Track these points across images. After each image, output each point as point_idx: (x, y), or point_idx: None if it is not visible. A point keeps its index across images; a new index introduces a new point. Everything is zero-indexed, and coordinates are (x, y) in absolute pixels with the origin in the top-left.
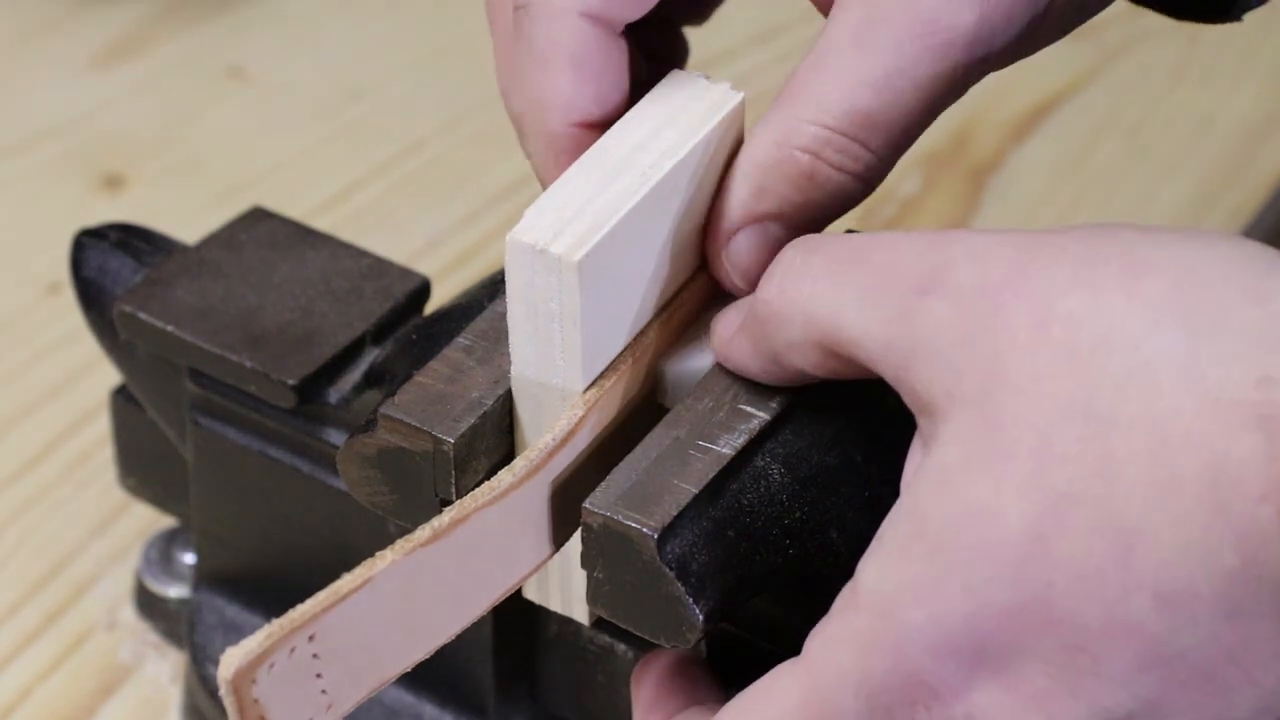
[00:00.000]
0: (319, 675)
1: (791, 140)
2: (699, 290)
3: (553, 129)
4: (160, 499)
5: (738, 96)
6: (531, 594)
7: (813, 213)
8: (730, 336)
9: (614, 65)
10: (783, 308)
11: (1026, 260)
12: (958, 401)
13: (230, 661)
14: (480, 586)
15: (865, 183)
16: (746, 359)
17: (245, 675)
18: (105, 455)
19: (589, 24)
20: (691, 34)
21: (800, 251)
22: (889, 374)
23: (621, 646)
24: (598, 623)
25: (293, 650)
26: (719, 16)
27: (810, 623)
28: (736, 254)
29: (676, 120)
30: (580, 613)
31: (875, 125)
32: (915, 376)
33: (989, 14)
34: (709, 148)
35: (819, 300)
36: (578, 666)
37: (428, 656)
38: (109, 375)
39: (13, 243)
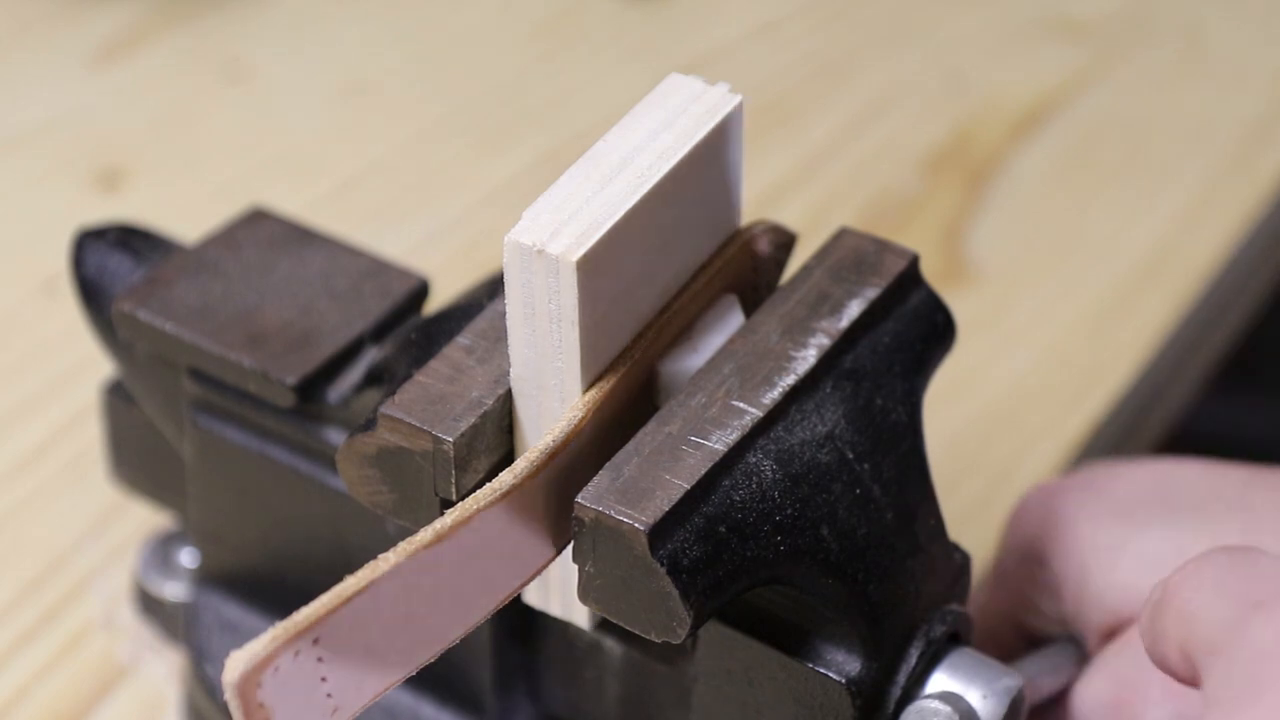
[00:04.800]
0: (324, 679)
1: None
2: (698, 292)
3: None
4: (152, 493)
5: (735, 99)
6: (532, 598)
7: None
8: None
9: None
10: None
11: None
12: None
13: (235, 665)
14: (483, 589)
15: None
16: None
17: (250, 679)
18: (102, 453)
19: None
20: (689, 28)
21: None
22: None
23: (609, 642)
24: (599, 624)
25: (297, 653)
26: (718, 13)
27: (800, 617)
28: None
29: (674, 123)
30: (581, 616)
31: None
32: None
33: None
34: (707, 150)
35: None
36: (573, 664)
37: (432, 660)
38: (106, 373)
39: (10, 240)
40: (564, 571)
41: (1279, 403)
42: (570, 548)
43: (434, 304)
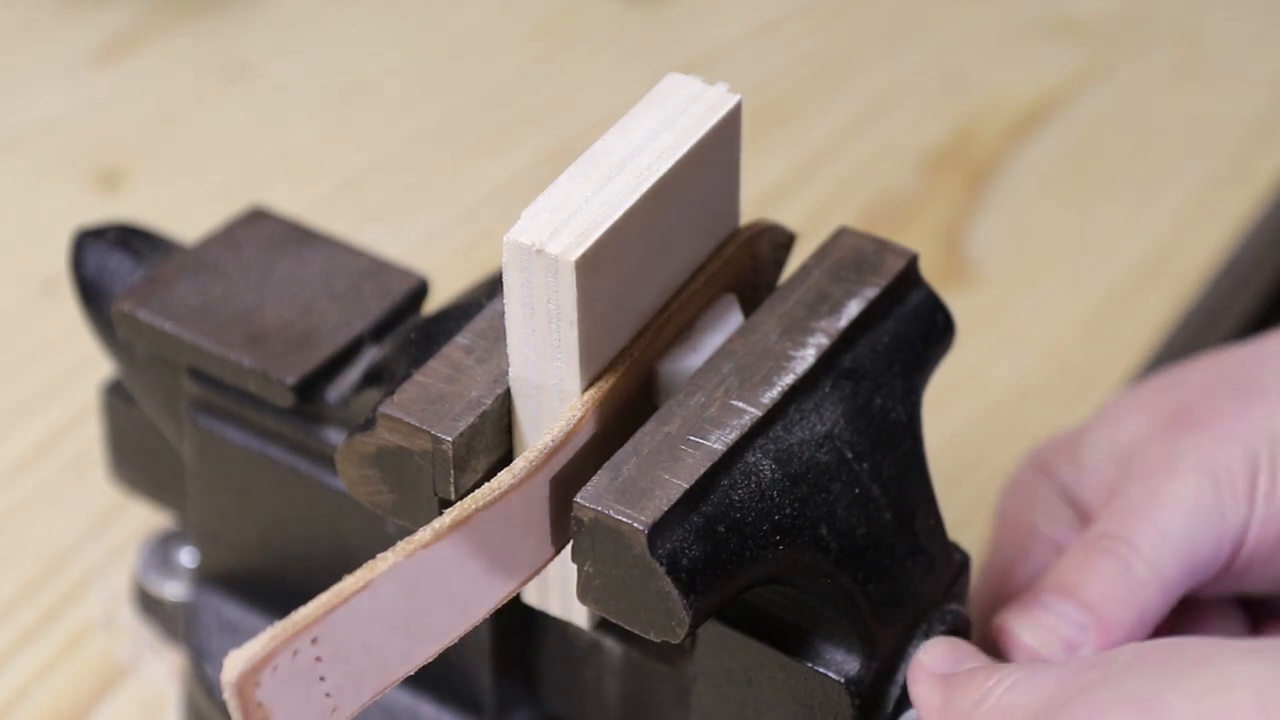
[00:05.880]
0: (323, 678)
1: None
2: (697, 292)
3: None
4: (152, 493)
5: (734, 99)
6: (531, 598)
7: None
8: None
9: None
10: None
11: None
12: None
13: (234, 665)
14: (482, 588)
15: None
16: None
17: (249, 678)
18: (102, 453)
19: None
20: (689, 28)
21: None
22: None
23: (609, 641)
24: (598, 624)
25: (296, 653)
26: (718, 13)
27: (800, 617)
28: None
29: (674, 123)
30: (580, 616)
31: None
32: None
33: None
34: (706, 150)
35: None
36: (573, 664)
37: (431, 659)
38: (106, 373)
39: (10, 240)
40: (563, 571)
41: None
42: (569, 548)
43: (434, 304)
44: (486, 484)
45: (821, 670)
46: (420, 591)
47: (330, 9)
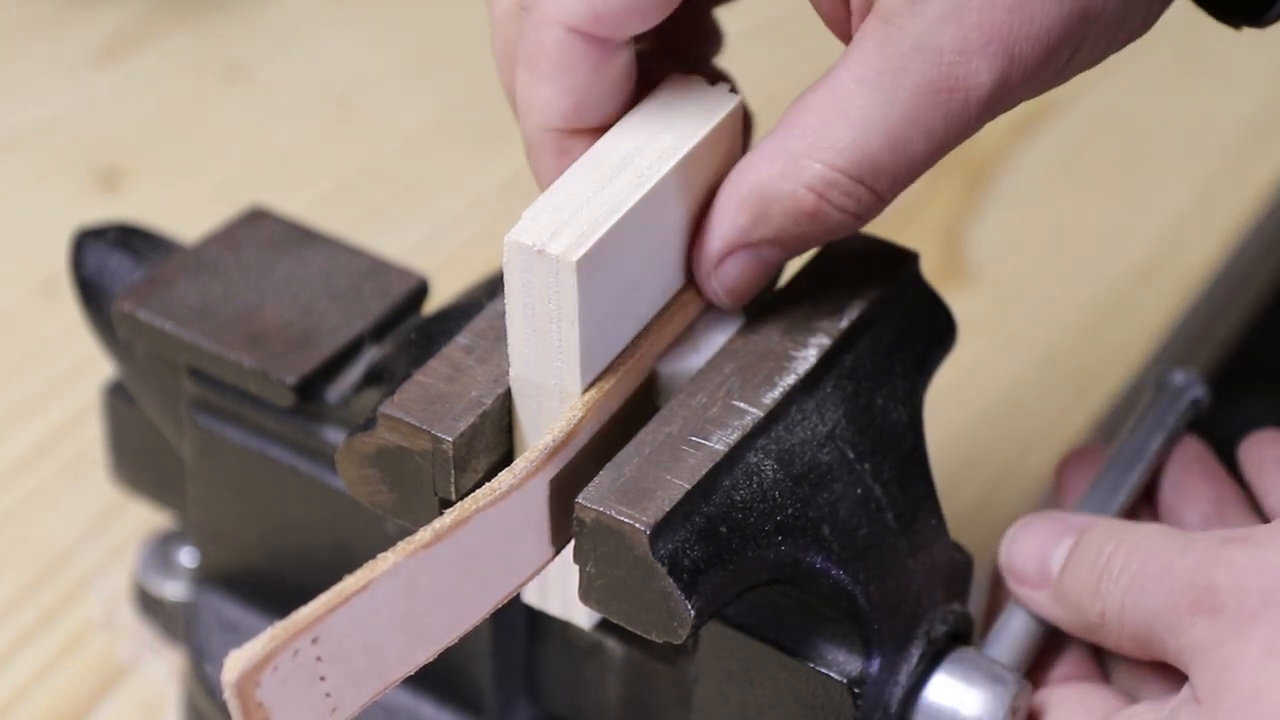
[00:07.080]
0: (323, 678)
1: (798, 177)
2: (698, 293)
3: (530, 131)
4: (152, 493)
5: (735, 99)
6: (531, 598)
7: (806, 243)
8: (1041, 599)
9: (603, 78)
10: (1107, 613)
11: (1273, 592)
12: (1198, 700)
13: (234, 664)
14: (482, 588)
15: (862, 220)
16: (1052, 614)
17: (249, 678)
18: (102, 453)
19: (578, 38)
20: None
21: (1113, 557)
22: (1178, 664)
23: (611, 642)
24: (599, 625)
25: (296, 652)
26: (718, 12)
27: (801, 617)
28: (727, 276)
29: (675, 123)
30: (580, 616)
31: (882, 172)
32: (1190, 674)
33: (1009, 75)
34: (707, 151)
35: (1133, 614)
36: (573, 664)
37: (431, 659)
38: (106, 373)
39: (10, 240)
40: (564, 571)
41: (1279, 403)
42: (570, 548)
43: (434, 304)
44: (486, 484)
45: (823, 670)
46: (420, 591)
47: (330, 9)
